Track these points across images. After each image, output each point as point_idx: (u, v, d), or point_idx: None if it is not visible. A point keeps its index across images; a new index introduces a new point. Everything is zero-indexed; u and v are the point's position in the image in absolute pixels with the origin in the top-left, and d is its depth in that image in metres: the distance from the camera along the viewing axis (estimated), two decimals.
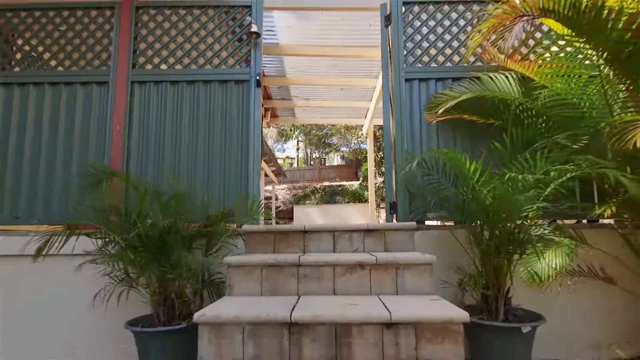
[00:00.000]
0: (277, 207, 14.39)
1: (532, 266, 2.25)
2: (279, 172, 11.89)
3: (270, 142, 29.71)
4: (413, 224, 2.34)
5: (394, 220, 2.73)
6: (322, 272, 1.96)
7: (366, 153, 12.47)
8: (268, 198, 14.34)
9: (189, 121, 2.92)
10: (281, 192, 14.90)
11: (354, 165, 18.00)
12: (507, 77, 2.69)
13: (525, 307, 2.10)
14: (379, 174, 12.94)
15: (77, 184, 2.77)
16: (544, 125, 2.52)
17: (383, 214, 13.15)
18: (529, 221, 1.95)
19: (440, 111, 2.70)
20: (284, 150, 29.68)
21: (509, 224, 1.98)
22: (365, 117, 6.63)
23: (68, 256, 2.34)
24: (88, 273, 2.22)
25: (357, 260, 1.94)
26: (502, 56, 2.79)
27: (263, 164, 9.73)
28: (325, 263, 1.96)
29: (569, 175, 1.78)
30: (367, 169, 13.03)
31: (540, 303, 2.26)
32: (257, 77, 2.90)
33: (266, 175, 10.72)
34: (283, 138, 23.46)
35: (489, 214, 2.04)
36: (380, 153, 11.49)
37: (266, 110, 6.28)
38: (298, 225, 2.36)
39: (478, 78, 2.78)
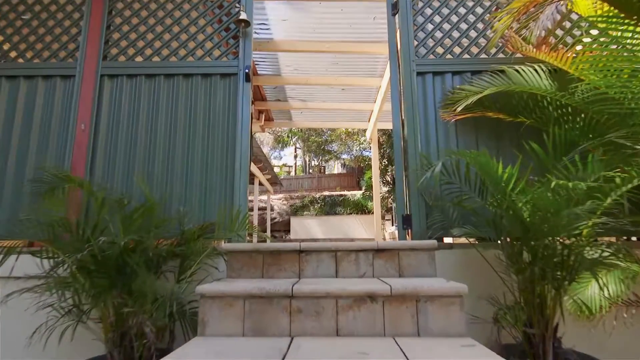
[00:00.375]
0: (272, 219, 13.98)
1: (580, 294, 1.89)
2: (274, 181, 11.54)
3: (266, 149, 29.45)
4: (433, 242, 1.99)
5: (408, 237, 2.38)
6: (321, 306, 1.60)
7: (369, 160, 12.16)
8: (263, 209, 13.94)
9: (165, 119, 2.59)
10: (277, 202, 14.52)
11: (356, 173, 17.68)
12: (535, 69, 2.38)
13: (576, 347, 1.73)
14: (383, 182, 12.60)
15: (32, 191, 2.41)
16: (583, 123, 2.20)
17: (388, 226, 12.76)
18: (582, 239, 1.60)
19: (460, 108, 2.39)
20: (281, 158, 29.39)
21: (555, 243, 1.63)
22: (369, 120, 6.32)
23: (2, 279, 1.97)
24: (25, 302, 1.84)
25: (367, 290, 1.58)
26: (529, 46, 2.50)
27: (257, 172, 9.39)
28: (326, 294, 1.60)
29: (635, 182, 1.44)
30: (370, 178, 12.72)
31: (591, 341, 1.89)
32: (246, 70, 2.59)
33: (260, 184, 10.38)
34: (280, 145, 23.20)
35: (530, 231, 1.69)
36: (385, 160, 11.18)
37: (260, 112, 5.98)
38: (292, 244, 2.00)
39: (502, 71, 2.47)
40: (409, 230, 2.41)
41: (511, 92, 2.43)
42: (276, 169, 28.70)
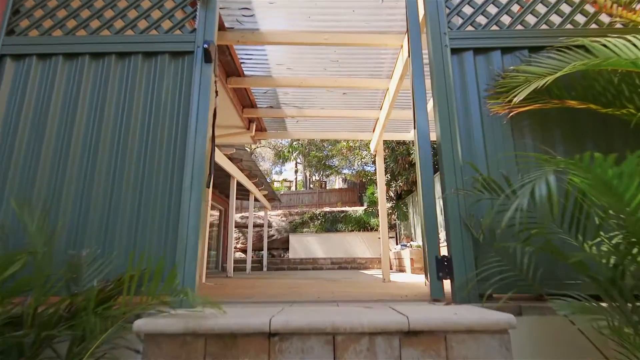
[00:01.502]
0: (270, 236, 13.04)
1: None
2: (272, 197, 10.69)
3: (267, 165, 28.74)
4: (508, 318, 1.09)
5: (445, 293, 1.50)
6: None
7: (371, 176, 11.32)
8: (259, 225, 13.02)
9: (88, 117, 1.75)
10: (276, 218, 13.61)
11: (358, 188, 16.80)
12: (633, 43, 1.56)
13: None
14: (386, 198, 11.72)
15: None
16: None
17: (392, 244, 11.78)
18: None
19: (519, 98, 1.55)
20: (282, 173, 28.64)
21: None
22: (373, 130, 5.51)
23: None
24: None
25: None
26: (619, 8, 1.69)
27: (252, 188, 8.56)
28: None
29: None
30: (373, 194, 11.85)
31: None
32: (206, 46, 1.78)
33: (256, 200, 9.53)
34: (281, 160, 22.45)
35: None
36: (387, 175, 10.33)
37: (250, 121, 5.18)
38: (256, 322, 1.12)
39: (579, 46, 1.65)
40: (450, 280, 1.53)
41: (593, 74, 1.62)
42: (276, 184, 27.91)
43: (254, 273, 8.67)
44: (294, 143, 19.01)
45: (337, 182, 22.38)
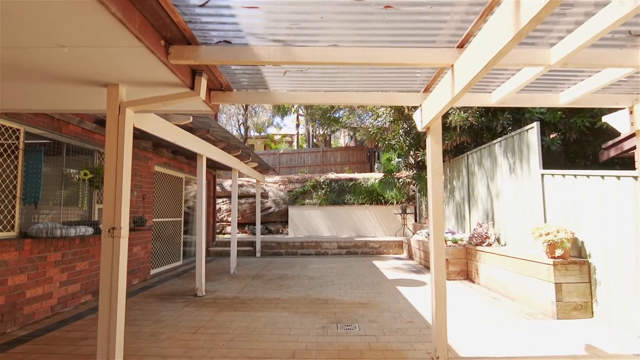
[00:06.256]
0: (266, 208, 11.02)
1: None
2: (265, 168, 8.38)
3: (267, 115, 25.69)
4: None
5: None
6: None
7: (390, 139, 8.79)
8: (251, 195, 10.91)
9: None
10: (273, 187, 11.44)
11: (366, 147, 14.31)
12: None
13: None
14: (406, 166, 9.33)
15: None
16: None
17: (410, 221, 9.72)
18: None
19: None
20: (281, 128, 25.78)
21: None
22: (427, 89, 2.96)
23: None
24: None
25: None
26: None
27: (235, 163, 6.22)
28: None
29: None
30: (389, 160, 9.46)
31: None
32: None
33: (241, 173, 7.23)
34: (280, 111, 19.55)
35: None
36: (409, 139, 7.81)
37: (194, 73, 2.64)
38: None
39: None
40: None
41: None
42: (277, 137, 25.25)
43: (243, 263, 6.66)
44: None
45: (342, 138, 19.75)
